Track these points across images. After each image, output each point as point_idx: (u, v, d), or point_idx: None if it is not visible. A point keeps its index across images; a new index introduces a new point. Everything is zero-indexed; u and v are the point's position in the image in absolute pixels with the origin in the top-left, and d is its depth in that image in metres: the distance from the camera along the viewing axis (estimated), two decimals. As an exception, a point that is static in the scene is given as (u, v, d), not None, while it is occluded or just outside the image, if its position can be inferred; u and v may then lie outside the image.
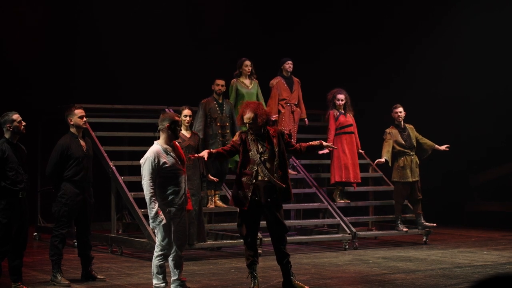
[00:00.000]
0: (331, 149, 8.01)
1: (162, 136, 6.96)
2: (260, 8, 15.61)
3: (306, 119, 11.82)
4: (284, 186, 7.37)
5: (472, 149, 14.58)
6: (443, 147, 11.55)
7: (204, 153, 7.29)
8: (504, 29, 14.22)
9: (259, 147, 7.40)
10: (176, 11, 15.08)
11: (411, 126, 11.70)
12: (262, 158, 7.36)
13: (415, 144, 11.55)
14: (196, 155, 7.41)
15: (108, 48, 14.14)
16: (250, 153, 7.37)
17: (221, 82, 10.78)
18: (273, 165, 7.37)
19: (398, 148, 11.49)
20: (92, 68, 14.14)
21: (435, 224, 11.57)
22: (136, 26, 14.35)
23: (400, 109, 11.59)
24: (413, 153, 11.54)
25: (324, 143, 7.68)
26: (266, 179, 7.35)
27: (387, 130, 11.61)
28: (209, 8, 15.56)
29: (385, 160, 11.38)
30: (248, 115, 7.35)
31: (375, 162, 11.64)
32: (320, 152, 11.69)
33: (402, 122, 11.60)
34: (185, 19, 15.23)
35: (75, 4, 14.45)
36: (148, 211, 6.77)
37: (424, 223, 11.56)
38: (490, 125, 14.46)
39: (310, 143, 7.72)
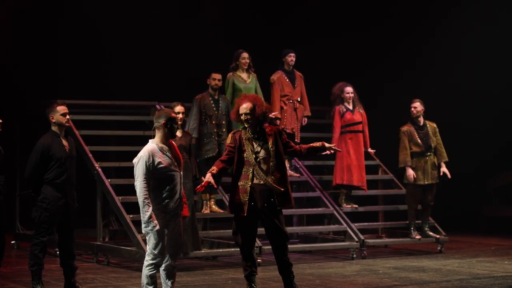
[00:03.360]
0: (333, 151, 7.96)
1: (158, 134, 6.98)
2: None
3: (304, 118, 11.74)
4: (282, 189, 7.35)
5: (490, 149, 14.55)
6: (445, 169, 11.46)
7: (210, 179, 7.24)
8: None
9: (254, 146, 7.39)
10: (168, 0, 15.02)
11: (434, 125, 11.62)
12: (258, 159, 7.35)
13: (432, 144, 11.50)
14: (202, 185, 7.32)
15: (95, 40, 14.08)
16: (245, 154, 7.37)
17: (217, 76, 10.75)
18: (269, 167, 7.36)
19: (413, 148, 11.45)
20: (77, 61, 14.08)
21: (438, 236, 11.59)
22: (125, 16, 14.29)
23: (416, 104, 11.52)
24: (430, 153, 11.50)
25: (327, 145, 7.66)
26: (262, 182, 7.35)
27: (402, 129, 11.56)
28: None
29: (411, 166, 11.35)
30: (245, 105, 7.36)
31: (409, 178, 11.44)
32: (324, 153, 11.67)
33: (420, 119, 11.54)
34: (178, 8, 15.16)
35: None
36: (141, 215, 6.78)
37: (428, 232, 11.57)
38: (509, 123, 14.43)
39: (311, 144, 7.70)
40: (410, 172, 11.40)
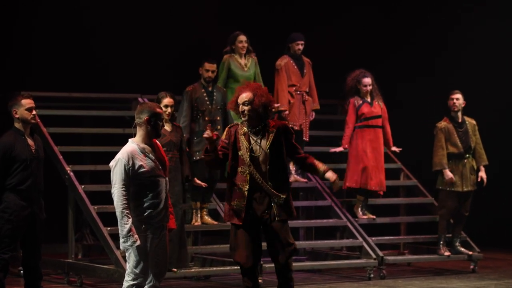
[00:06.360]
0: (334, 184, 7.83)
1: (139, 133, 6.97)
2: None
3: (312, 112, 11.69)
4: (282, 196, 7.31)
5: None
6: (483, 174, 11.44)
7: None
8: None
9: (252, 143, 7.38)
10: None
11: (473, 122, 11.60)
12: (254, 158, 7.38)
13: (472, 145, 11.47)
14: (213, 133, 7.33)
15: (68, 23, 14.03)
16: (240, 152, 7.34)
17: (211, 67, 10.69)
18: (267, 168, 7.33)
19: (450, 149, 11.41)
20: (47, 47, 14.05)
21: (470, 253, 11.57)
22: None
23: (457, 95, 11.50)
24: (468, 155, 11.47)
25: (328, 176, 7.57)
26: (259, 185, 7.31)
27: (439, 125, 11.52)
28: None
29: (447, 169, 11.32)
30: (245, 94, 7.41)
31: (449, 181, 11.38)
32: (332, 150, 11.64)
33: (459, 114, 11.51)
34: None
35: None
36: (119, 228, 6.77)
37: (459, 248, 11.54)
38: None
39: (316, 163, 7.63)
40: (450, 175, 11.31)
